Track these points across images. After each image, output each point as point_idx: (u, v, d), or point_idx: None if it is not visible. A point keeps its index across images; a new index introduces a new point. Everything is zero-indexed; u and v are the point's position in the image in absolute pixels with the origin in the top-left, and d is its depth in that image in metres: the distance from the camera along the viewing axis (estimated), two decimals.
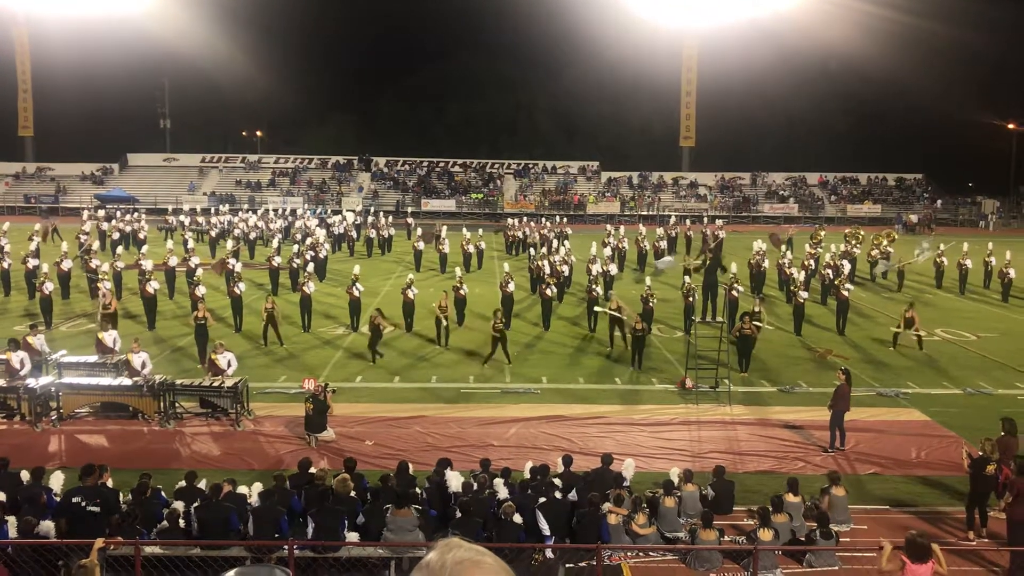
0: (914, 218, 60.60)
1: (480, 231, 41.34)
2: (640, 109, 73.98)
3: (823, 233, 40.83)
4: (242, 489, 12.02)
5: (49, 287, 25.62)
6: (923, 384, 20.28)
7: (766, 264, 31.62)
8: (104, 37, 63.73)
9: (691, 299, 25.41)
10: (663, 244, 38.42)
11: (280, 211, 52.68)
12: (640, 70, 69.95)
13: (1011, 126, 77.17)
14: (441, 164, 74.62)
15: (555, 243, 37.39)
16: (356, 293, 25.14)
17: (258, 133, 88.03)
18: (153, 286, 25.52)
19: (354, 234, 45.01)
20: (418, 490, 12.08)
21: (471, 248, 38.14)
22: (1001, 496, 11.99)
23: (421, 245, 38.13)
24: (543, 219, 49.26)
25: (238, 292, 25.11)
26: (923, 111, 72.33)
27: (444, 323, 23.73)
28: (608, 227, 42.37)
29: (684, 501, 12.45)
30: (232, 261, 30.01)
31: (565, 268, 31.72)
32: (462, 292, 25.92)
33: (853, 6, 60.88)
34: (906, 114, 74.40)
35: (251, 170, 73.03)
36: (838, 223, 60.20)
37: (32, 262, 29.60)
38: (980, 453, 12.39)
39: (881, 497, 13.78)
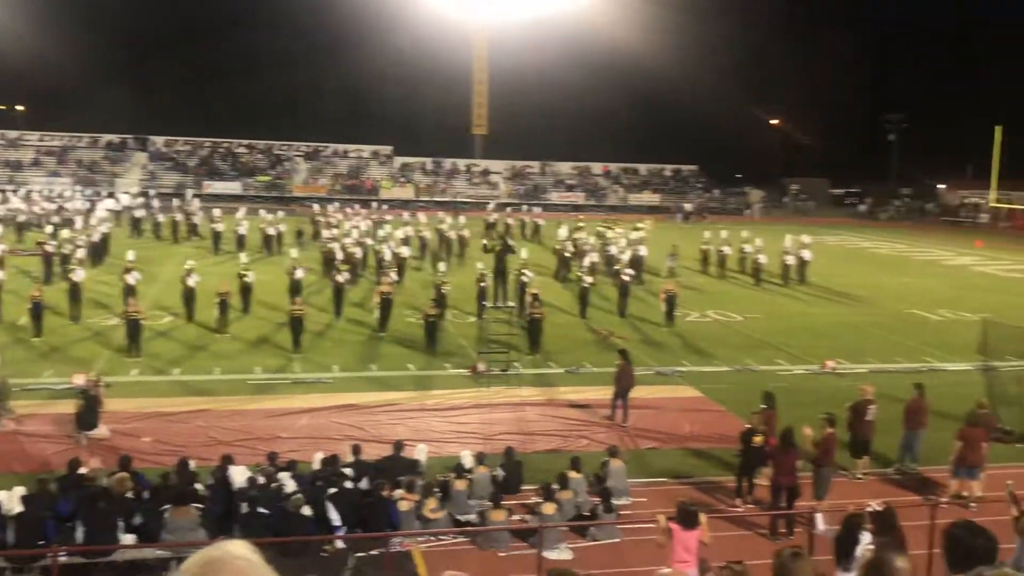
0: (688, 207, 64.58)
1: (281, 214, 40.32)
2: (432, 95, 74.12)
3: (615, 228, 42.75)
4: (3, 494, 11.03)
5: None
6: (696, 363, 21.68)
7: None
8: None
9: (483, 284, 25.83)
10: (466, 233, 38.29)
11: (46, 193, 48.70)
12: (431, 56, 70.10)
13: (774, 122, 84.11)
14: (225, 145, 71.44)
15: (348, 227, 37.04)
16: (131, 280, 23.66)
17: (18, 108, 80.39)
18: None
19: (142, 213, 42.50)
20: (200, 487, 11.55)
21: (272, 231, 37.23)
22: (765, 465, 13.03)
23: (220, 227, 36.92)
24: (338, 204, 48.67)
25: None
26: (698, 106, 77.32)
27: (226, 310, 22.88)
28: (405, 214, 42.54)
29: (476, 483, 12.65)
30: None
31: (358, 250, 31.52)
32: (247, 279, 25.05)
33: (635, 6, 64.10)
34: (683, 109, 79.19)
35: (11, 147, 66.80)
36: (620, 211, 63.18)
37: None
38: (748, 426, 13.40)
39: (660, 470, 14.61)
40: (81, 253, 28.83)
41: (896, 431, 14.85)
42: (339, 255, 29.48)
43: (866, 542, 8.74)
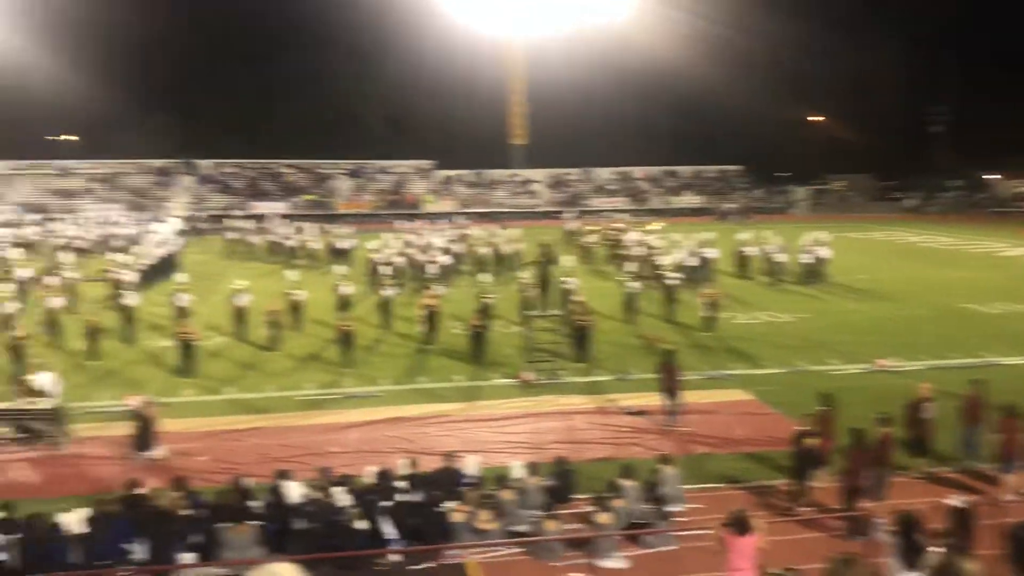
0: (730, 207, 64.04)
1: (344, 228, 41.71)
2: (471, 107, 74.55)
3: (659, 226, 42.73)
4: (67, 517, 11.27)
5: None
6: (746, 366, 21.43)
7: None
8: None
9: (527, 294, 25.84)
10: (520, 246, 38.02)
11: (102, 219, 49.95)
12: (468, 69, 70.49)
13: (817, 118, 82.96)
14: (270, 166, 72.55)
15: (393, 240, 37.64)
16: (182, 303, 24.12)
17: (69, 137, 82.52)
18: None
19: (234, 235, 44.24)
20: (255, 504, 11.68)
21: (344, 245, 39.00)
22: (822, 467, 12.80)
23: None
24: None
25: (52, 307, 23.58)
26: (739, 106, 76.60)
27: (278, 329, 23.25)
28: (447, 226, 42.93)
29: (527, 494, 12.62)
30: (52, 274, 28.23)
31: (400, 260, 32.21)
32: (296, 297, 25.40)
33: (671, 16, 64.00)
34: (723, 110, 78.55)
35: (64, 176, 68.52)
36: (663, 215, 62.85)
37: None
38: (801, 428, 13.20)
39: (714, 475, 14.44)
40: (133, 277, 29.44)
41: (956, 428, 14.52)
42: (384, 268, 29.81)
43: (930, 545, 8.55)
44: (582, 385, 19.95)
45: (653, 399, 17.58)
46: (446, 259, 33.31)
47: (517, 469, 13.15)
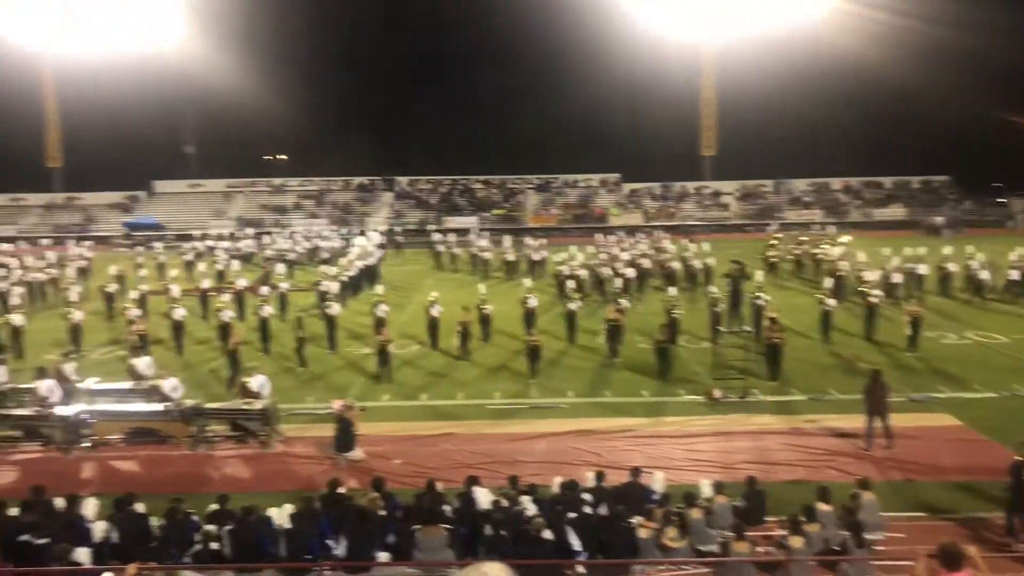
0: (939, 220, 60.02)
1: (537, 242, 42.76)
2: (659, 119, 73.84)
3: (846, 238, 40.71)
4: (273, 511, 12.07)
5: (78, 315, 25.99)
6: (953, 388, 20.03)
7: None
8: (127, 66, 64.71)
9: (717, 309, 25.30)
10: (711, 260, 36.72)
11: (310, 233, 53.37)
12: (657, 81, 69.87)
13: None
14: (462, 181, 75.00)
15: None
16: (380, 313, 25.31)
17: (281, 156, 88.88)
18: (180, 312, 25.76)
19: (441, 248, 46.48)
20: (447, 508, 12.07)
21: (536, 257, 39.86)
22: None
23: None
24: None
25: (264, 315, 25.35)
26: (946, 112, 71.58)
27: (467, 339, 24.00)
28: (629, 238, 42.80)
29: (715, 513, 12.35)
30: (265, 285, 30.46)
31: (586, 273, 32.48)
32: (487, 310, 26.05)
33: (869, 16, 60.73)
34: (929, 116, 73.64)
35: (276, 193, 73.75)
36: (863, 228, 59.82)
37: (113, 287, 31.53)
38: (1019, 458, 12.20)
39: (918, 504, 13.61)
40: (336, 287, 31.19)
41: None
42: (570, 282, 30.07)
43: None
44: (773, 404, 19.31)
45: (849, 421, 16.79)
46: (631, 272, 33.20)
47: (705, 488, 12.90)
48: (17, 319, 26.02)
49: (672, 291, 27.91)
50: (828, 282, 28.35)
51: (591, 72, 72.77)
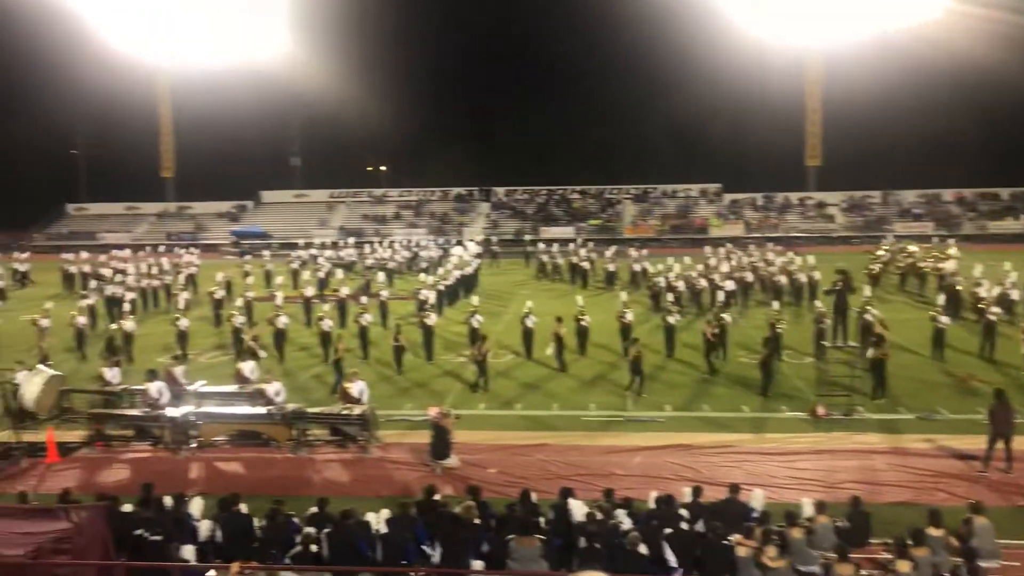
0: None
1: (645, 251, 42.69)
2: (762, 128, 72.33)
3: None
4: (370, 516, 12.24)
5: (184, 323, 26.99)
6: None
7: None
8: (237, 80, 67.20)
9: (821, 325, 24.55)
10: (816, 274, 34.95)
11: (407, 243, 54.24)
12: (761, 89, 68.53)
13: None
14: (559, 192, 75.00)
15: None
16: (475, 323, 25.39)
17: (382, 168, 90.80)
18: (283, 320, 26.46)
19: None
20: (542, 519, 12.02)
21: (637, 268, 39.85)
22: None
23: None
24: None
25: (364, 323, 25.84)
26: None
27: (562, 350, 23.91)
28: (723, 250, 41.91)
29: (817, 533, 11.95)
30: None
31: (680, 284, 32.38)
32: (584, 322, 25.83)
33: (986, 15, 58.03)
34: None
35: (377, 204, 75.31)
36: (977, 241, 57.30)
37: (220, 293, 32.69)
38: None
39: None
40: (433, 296, 31.58)
41: None
42: (667, 294, 29.73)
43: None
44: (879, 423, 18.62)
45: (960, 441, 16.06)
46: (730, 285, 32.51)
47: (807, 507, 12.51)
48: (128, 324, 27.22)
49: (775, 305, 27.22)
50: (941, 298, 27.19)
51: (692, 80, 71.92)
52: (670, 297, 28.73)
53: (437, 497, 12.80)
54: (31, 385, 18.86)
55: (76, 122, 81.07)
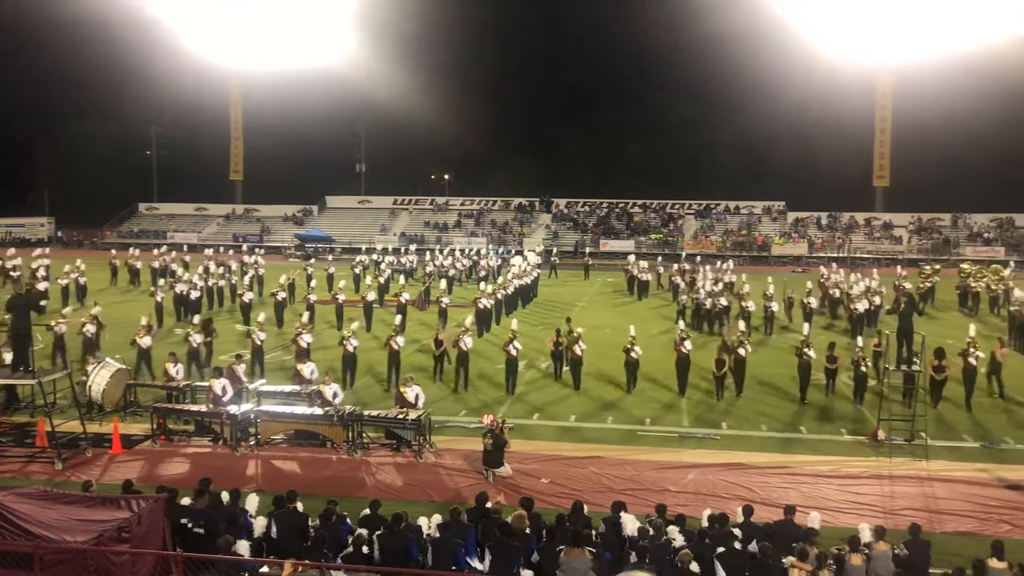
0: None
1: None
2: (829, 147, 71.23)
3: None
4: (422, 520, 12.34)
5: (261, 336, 27.38)
6: None
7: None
8: (305, 88, 68.54)
9: (879, 348, 24.01)
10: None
11: (469, 251, 54.61)
12: (830, 107, 67.62)
13: None
14: (620, 205, 74.75)
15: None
16: (513, 352, 23.53)
17: (445, 176, 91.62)
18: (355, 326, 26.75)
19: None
20: (593, 532, 11.99)
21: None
22: None
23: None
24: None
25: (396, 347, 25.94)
26: None
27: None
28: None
29: (874, 560, 11.71)
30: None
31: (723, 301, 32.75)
32: (634, 354, 24.89)
33: None
34: None
35: (439, 211, 75.95)
36: None
37: (282, 294, 33.10)
38: None
39: None
40: (492, 305, 31.67)
41: None
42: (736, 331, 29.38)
43: None
44: (943, 450, 18.17)
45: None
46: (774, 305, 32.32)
47: (865, 532, 12.25)
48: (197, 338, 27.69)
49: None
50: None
51: (760, 98, 71.27)
52: (741, 326, 27.13)
53: (489, 505, 12.85)
54: (99, 377, 19.53)
55: (151, 124, 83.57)
